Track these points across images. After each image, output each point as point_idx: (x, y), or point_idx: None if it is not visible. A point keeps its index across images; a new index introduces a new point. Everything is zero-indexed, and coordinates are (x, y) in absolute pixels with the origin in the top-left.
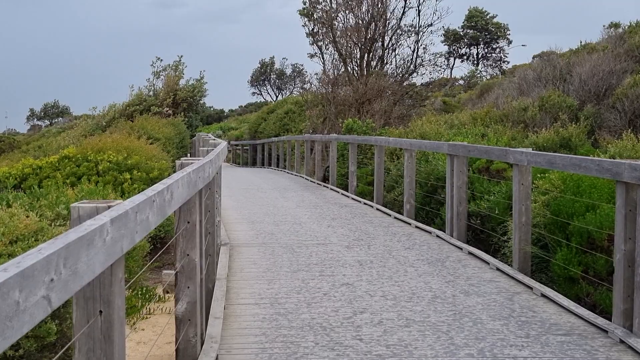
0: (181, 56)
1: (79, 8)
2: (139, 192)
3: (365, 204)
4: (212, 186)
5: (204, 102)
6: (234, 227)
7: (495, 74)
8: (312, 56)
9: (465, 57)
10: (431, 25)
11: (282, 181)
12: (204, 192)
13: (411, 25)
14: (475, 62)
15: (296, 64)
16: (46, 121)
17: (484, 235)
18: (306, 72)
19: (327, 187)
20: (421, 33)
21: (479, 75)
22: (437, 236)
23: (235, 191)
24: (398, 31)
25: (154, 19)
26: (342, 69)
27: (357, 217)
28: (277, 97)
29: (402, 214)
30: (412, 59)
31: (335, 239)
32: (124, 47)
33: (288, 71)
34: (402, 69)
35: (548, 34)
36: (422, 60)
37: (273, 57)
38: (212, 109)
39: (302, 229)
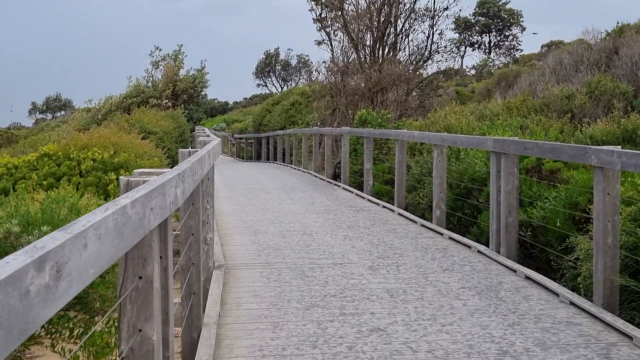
0: (181, 45)
1: (83, 1)
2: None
3: (384, 207)
4: (197, 200)
5: (205, 94)
6: (232, 240)
7: (507, 62)
8: (319, 43)
9: (476, 46)
10: (447, 9)
11: (289, 179)
12: (171, 223)
13: (426, 9)
14: (487, 50)
15: (301, 54)
16: (49, 115)
17: (536, 250)
18: (312, 62)
19: (339, 186)
20: (436, 17)
21: (491, 64)
22: (479, 252)
23: (236, 191)
24: (412, 15)
25: (159, 12)
26: (353, 56)
27: (378, 224)
28: (282, 88)
29: (428, 220)
30: (426, 45)
31: (355, 257)
32: (128, 40)
33: (293, 62)
34: (416, 56)
35: (554, 24)
36: (437, 46)
37: (278, 48)
38: (216, 101)
39: (314, 242)
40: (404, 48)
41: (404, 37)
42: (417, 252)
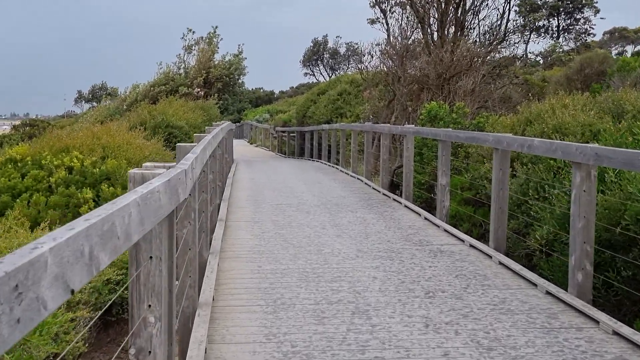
0: (216, 27)
1: None
2: None
3: (472, 246)
4: None
5: (242, 82)
6: (233, 328)
7: (576, 47)
8: (372, 22)
9: (542, 30)
10: None
11: (334, 188)
12: None
13: None
14: (556, 35)
15: (350, 42)
16: (95, 103)
17: None
18: (363, 46)
19: (399, 203)
20: None
21: (560, 50)
22: None
23: (264, 210)
24: None
25: (210, 5)
26: (414, 36)
27: (473, 287)
28: (330, 77)
29: (543, 273)
30: (499, 24)
31: None
32: (176, 32)
33: (342, 50)
34: (490, 36)
35: (611, 11)
36: (515, 24)
37: (326, 35)
38: (262, 90)
39: (373, 337)
40: (474, 27)
41: (473, 15)
42: None
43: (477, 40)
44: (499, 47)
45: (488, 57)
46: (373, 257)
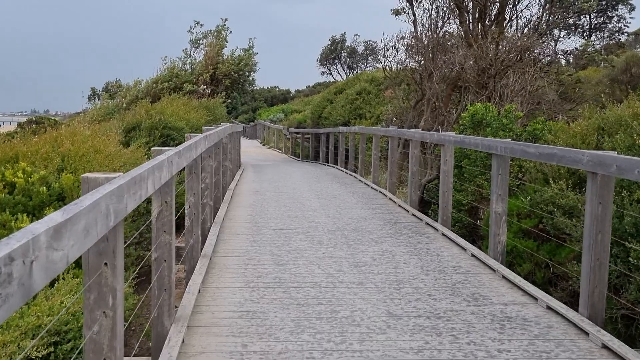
0: (225, 19)
1: None
2: None
3: (550, 308)
4: None
5: (253, 79)
6: None
7: (607, 47)
8: (397, 13)
9: (572, 29)
10: None
11: (353, 205)
12: None
13: None
14: (587, 34)
15: (369, 41)
16: (109, 100)
17: None
18: (385, 44)
19: (435, 229)
20: None
21: (592, 49)
22: None
23: (265, 238)
24: None
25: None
26: (446, 27)
27: None
28: (347, 76)
29: None
30: (541, 16)
31: None
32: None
33: (360, 49)
34: (530, 29)
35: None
36: (560, 16)
37: (344, 33)
38: (277, 89)
39: None
40: (512, 19)
41: (513, 5)
42: None
43: (519, 32)
44: (540, 40)
45: (537, 51)
46: (411, 329)
